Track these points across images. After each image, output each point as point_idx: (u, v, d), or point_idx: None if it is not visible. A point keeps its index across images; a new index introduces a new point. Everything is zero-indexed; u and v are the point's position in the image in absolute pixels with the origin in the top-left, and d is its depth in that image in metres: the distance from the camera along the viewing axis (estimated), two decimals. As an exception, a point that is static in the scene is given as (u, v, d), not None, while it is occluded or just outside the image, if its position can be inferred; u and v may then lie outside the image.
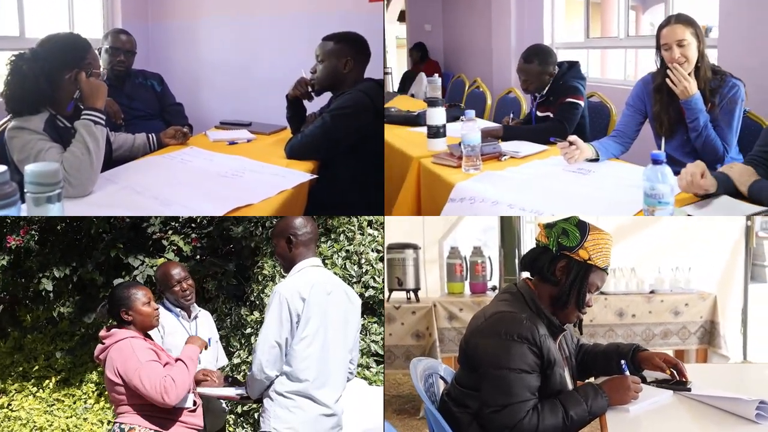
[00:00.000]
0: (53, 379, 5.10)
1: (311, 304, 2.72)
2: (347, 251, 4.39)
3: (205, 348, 3.01)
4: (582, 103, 4.36)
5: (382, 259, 4.40)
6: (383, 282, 4.38)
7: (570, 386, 2.46)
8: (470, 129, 3.52)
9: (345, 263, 4.34)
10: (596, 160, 3.58)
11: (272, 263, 4.46)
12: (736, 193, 2.87)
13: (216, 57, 5.98)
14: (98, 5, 5.96)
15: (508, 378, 2.24)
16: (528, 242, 5.02)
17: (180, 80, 5.48)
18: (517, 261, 4.90)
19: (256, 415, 4.29)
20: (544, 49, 4.61)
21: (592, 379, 2.60)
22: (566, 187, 3.31)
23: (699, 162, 2.93)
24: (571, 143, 3.52)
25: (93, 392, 5.02)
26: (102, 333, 2.85)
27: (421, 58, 9.40)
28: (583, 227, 2.39)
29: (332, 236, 4.48)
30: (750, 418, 2.15)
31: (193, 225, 4.85)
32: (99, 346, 2.84)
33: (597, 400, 2.29)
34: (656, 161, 2.62)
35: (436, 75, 5.22)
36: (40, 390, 5.08)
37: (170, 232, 4.80)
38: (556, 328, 2.42)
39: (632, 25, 7.01)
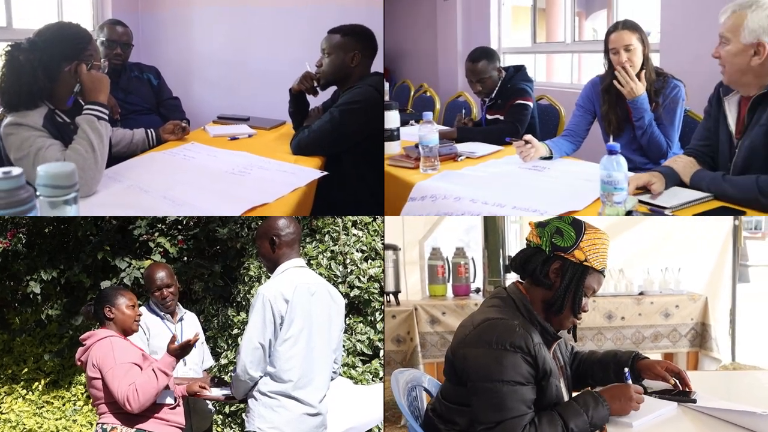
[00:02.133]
0: (42, 382, 4.98)
1: (295, 305, 2.62)
2: (332, 252, 4.18)
3: (189, 346, 2.76)
4: (531, 104, 4.33)
5: (366, 259, 4.16)
6: (367, 280, 4.10)
7: (566, 398, 2.12)
8: (428, 130, 3.47)
9: (330, 263, 4.14)
10: (550, 158, 3.59)
11: (258, 264, 4.28)
12: (681, 184, 2.95)
13: (209, 49, 5.65)
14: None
15: (501, 391, 1.91)
16: (513, 242, 4.75)
17: (172, 73, 5.13)
18: (501, 262, 4.57)
19: (243, 415, 4.10)
20: (487, 48, 4.60)
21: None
22: (524, 183, 3.30)
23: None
24: (526, 142, 3.52)
25: (82, 394, 4.89)
26: (83, 336, 2.75)
27: None
28: (578, 226, 2.07)
29: (317, 237, 4.28)
30: (763, 433, 1.84)
31: (179, 227, 4.66)
32: (80, 349, 2.73)
33: (598, 410, 1.96)
34: (611, 151, 2.64)
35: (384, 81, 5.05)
36: (30, 392, 4.96)
37: (156, 234, 4.61)
38: (551, 336, 2.08)
39: (576, 31, 6.94)
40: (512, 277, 2.25)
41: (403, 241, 4.71)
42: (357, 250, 4.16)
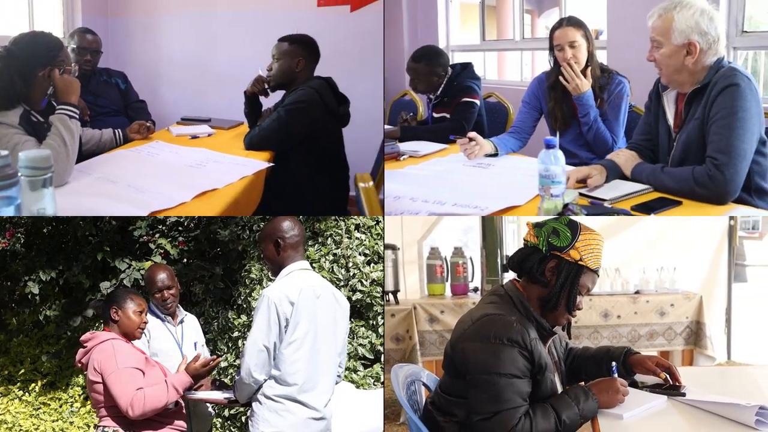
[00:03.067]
0: (39, 383, 5.08)
1: (300, 308, 2.68)
2: (335, 255, 4.32)
3: (212, 368, 2.93)
4: (478, 102, 4.50)
5: (369, 263, 4.31)
6: (369, 283, 4.25)
7: (560, 392, 2.31)
8: None
9: (332, 267, 4.28)
10: (495, 155, 3.75)
11: (260, 266, 4.41)
12: (623, 177, 3.15)
13: (175, 53, 6.00)
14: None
15: (498, 384, 2.09)
16: (510, 242, 4.94)
17: (139, 76, 5.47)
18: (499, 262, 4.77)
19: (243, 419, 4.26)
20: (433, 49, 4.71)
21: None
22: (467, 180, 3.46)
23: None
24: (471, 139, 3.67)
25: (79, 396, 4.99)
26: (83, 337, 2.83)
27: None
28: (574, 227, 2.26)
29: (320, 240, 4.41)
30: (749, 425, 2.02)
31: (180, 228, 4.79)
32: (81, 351, 2.81)
33: (588, 403, 2.16)
34: (549, 146, 2.76)
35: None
36: (26, 393, 5.06)
37: (157, 235, 4.74)
38: (546, 332, 2.27)
39: (528, 28, 7.07)
40: (510, 277, 2.44)
41: (402, 241, 4.91)
42: (360, 254, 4.29)
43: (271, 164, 3.82)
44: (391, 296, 4.68)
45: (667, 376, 2.43)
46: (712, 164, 2.81)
